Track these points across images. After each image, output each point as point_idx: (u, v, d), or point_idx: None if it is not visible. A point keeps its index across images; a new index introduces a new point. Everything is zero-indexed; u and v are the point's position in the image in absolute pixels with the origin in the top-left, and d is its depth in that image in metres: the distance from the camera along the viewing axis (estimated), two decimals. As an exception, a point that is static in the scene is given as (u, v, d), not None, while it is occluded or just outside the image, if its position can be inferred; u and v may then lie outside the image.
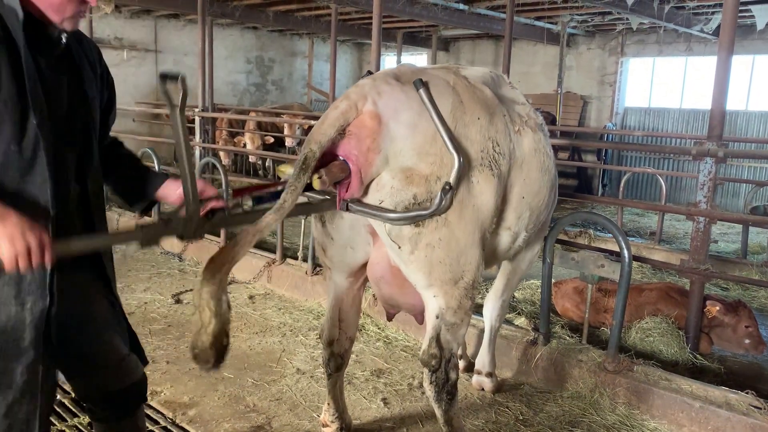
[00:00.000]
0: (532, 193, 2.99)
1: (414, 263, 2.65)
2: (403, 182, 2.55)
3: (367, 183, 2.57)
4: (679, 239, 9.24)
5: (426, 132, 2.56)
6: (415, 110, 2.58)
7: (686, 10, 10.90)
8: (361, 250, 2.91)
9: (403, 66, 2.91)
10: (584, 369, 3.96)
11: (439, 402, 2.84)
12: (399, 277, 2.81)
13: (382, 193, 2.57)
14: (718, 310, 4.50)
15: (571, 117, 14.82)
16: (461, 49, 17.59)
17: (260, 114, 12.22)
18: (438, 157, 2.55)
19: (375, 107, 2.55)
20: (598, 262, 3.99)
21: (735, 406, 3.46)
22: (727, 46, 4.05)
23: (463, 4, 11.15)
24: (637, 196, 14.11)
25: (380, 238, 2.74)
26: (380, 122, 2.53)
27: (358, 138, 2.51)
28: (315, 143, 2.47)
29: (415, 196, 2.55)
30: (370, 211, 2.57)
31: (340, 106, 2.56)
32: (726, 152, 4.19)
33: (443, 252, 2.62)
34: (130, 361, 2.40)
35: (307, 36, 18.26)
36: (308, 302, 5.46)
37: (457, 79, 2.81)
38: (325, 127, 2.51)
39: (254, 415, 3.61)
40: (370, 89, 2.60)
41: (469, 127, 2.66)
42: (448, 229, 2.60)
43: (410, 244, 2.61)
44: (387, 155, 2.54)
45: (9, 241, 1.77)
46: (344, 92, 2.69)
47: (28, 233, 1.78)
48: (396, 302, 3.09)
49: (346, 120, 2.53)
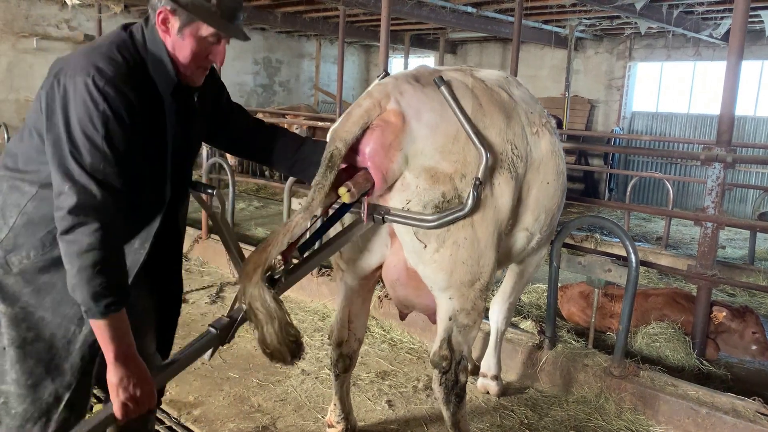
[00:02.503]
0: (548, 196, 3.01)
1: (437, 263, 2.66)
2: (428, 181, 2.57)
3: (390, 181, 2.58)
4: (686, 244, 9.21)
5: (447, 132, 2.58)
6: (436, 111, 2.60)
7: (695, 15, 10.86)
8: (377, 253, 2.92)
9: (421, 67, 2.93)
10: (590, 373, 3.95)
11: (447, 404, 2.85)
12: (415, 279, 2.81)
13: (408, 193, 2.58)
14: (725, 316, 4.48)
15: (578, 121, 14.80)
16: (468, 51, 17.59)
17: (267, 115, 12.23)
18: (461, 155, 2.58)
19: (398, 106, 2.57)
20: (604, 267, 3.98)
21: (742, 412, 3.43)
22: (737, 51, 4.03)
23: (471, 7, 11.15)
24: (644, 200, 14.07)
25: (398, 241, 2.74)
26: (404, 120, 2.55)
27: (382, 131, 2.53)
28: (340, 141, 2.48)
29: (443, 194, 2.57)
30: (408, 221, 2.58)
31: (363, 104, 2.58)
32: (735, 158, 4.17)
33: (467, 252, 2.64)
34: (154, 360, 2.42)
35: (315, 37, 18.30)
36: (314, 303, 5.47)
37: (475, 81, 2.82)
38: (350, 124, 2.53)
39: (259, 415, 3.61)
40: (393, 88, 2.63)
41: (489, 129, 2.67)
42: (472, 228, 2.62)
43: (437, 242, 2.62)
44: (407, 154, 2.56)
45: (124, 389, 1.91)
46: (366, 91, 2.72)
47: (141, 380, 1.94)
48: (411, 303, 3.10)
49: (370, 117, 2.55)
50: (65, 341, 2.05)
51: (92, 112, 1.83)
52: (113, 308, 1.85)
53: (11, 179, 2.03)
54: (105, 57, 1.91)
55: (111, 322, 1.87)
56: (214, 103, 2.38)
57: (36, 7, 13.34)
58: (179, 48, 2.02)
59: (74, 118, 1.84)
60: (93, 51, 1.95)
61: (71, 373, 2.05)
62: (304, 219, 2.37)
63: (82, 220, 1.81)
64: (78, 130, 1.84)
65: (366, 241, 2.90)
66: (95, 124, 1.84)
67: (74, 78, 1.86)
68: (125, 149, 1.90)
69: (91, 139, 1.84)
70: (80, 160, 1.83)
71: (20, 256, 2.00)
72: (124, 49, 1.98)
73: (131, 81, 1.92)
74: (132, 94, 1.91)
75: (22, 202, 2.00)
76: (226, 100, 2.46)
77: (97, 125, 1.84)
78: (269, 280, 2.34)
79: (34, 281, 2.00)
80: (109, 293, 1.84)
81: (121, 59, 1.94)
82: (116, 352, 1.88)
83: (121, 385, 1.89)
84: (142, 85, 1.97)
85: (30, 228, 1.99)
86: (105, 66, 1.88)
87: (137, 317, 2.27)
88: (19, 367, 2.01)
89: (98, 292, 1.82)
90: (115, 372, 1.89)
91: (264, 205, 10.29)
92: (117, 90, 1.87)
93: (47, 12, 13.50)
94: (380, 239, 2.86)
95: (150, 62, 2.01)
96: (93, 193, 1.83)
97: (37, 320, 2.03)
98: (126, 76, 1.91)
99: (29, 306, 2.02)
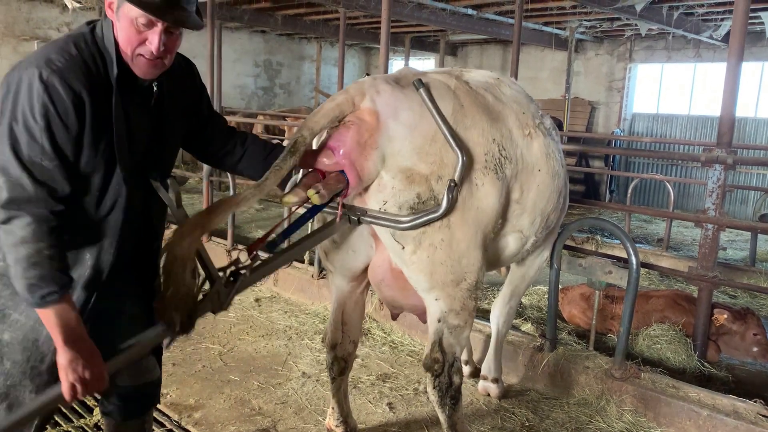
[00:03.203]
0: (544, 198, 2.99)
1: (416, 264, 2.65)
2: (404, 182, 2.56)
3: (366, 180, 2.57)
4: (687, 246, 9.20)
5: (426, 133, 2.57)
6: (415, 111, 2.59)
7: (695, 17, 10.87)
8: (362, 254, 2.92)
9: (404, 69, 2.93)
10: (591, 376, 3.94)
11: (442, 407, 2.83)
12: (400, 279, 2.80)
13: (385, 194, 2.58)
14: (726, 318, 4.47)
15: (579, 123, 14.80)
16: (469, 54, 17.60)
17: (268, 117, 12.26)
18: (438, 156, 2.57)
19: (373, 105, 2.56)
20: (605, 269, 3.97)
21: (743, 414, 3.43)
22: (737, 52, 4.03)
23: (471, 9, 11.16)
24: (645, 202, 14.06)
25: (382, 241, 2.74)
26: (378, 119, 2.54)
27: (357, 130, 2.52)
28: (307, 129, 2.48)
29: (418, 195, 2.56)
30: (382, 221, 2.58)
31: (336, 99, 2.59)
32: (735, 159, 4.17)
33: (444, 253, 2.62)
34: (149, 360, 2.42)
35: (315, 40, 18.32)
36: (314, 306, 5.46)
37: (459, 83, 2.81)
38: (319, 116, 2.53)
39: (260, 418, 3.61)
40: (369, 87, 2.62)
41: (470, 130, 2.66)
42: (449, 230, 2.60)
43: (413, 243, 2.61)
44: (384, 154, 2.55)
45: (72, 370, 1.88)
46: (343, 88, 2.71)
47: (91, 362, 1.91)
48: (399, 303, 3.10)
49: (342, 112, 2.55)
50: (38, 343, 2.05)
51: (34, 104, 1.84)
52: (49, 299, 1.85)
53: None
54: (58, 49, 1.91)
55: (53, 311, 1.87)
56: (193, 105, 2.35)
57: (37, 10, 13.37)
58: (118, 31, 1.97)
59: (18, 110, 1.85)
60: (50, 45, 1.95)
61: (48, 374, 2.05)
62: (252, 194, 2.32)
63: (15, 213, 1.82)
64: (20, 121, 1.84)
65: (351, 242, 2.89)
66: (35, 116, 1.84)
67: (26, 70, 1.86)
68: (67, 142, 1.88)
69: (30, 131, 1.84)
70: (18, 153, 1.84)
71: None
72: (81, 41, 1.96)
73: (81, 73, 1.89)
74: (80, 86, 1.88)
75: None
76: (207, 106, 2.43)
77: (37, 117, 1.84)
78: (233, 275, 2.30)
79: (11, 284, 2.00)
80: (45, 284, 1.84)
81: (75, 51, 1.92)
82: (64, 337, 1.87)
83: (70, 366, 1.87)
84: (94, 77, 1.93)
85: None
86: (55, 58, 1.88)
87: (126, 324, 2.25)
88: None
89: (33, 284, 1.83)
90: (63, 354, 1.88)
91: (265, 207, 10.29)
92: (63, 82, 1.85)
93: (48, 15, 13.53)
94: (364, 240, 2.86)
95: (105, 53, 1.98)
96: (25, 186, 1.83)
97: (12, 322, 2.04)
98: (75, 68, 1.89)
99: (7, 308, 2.04)
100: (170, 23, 1.94)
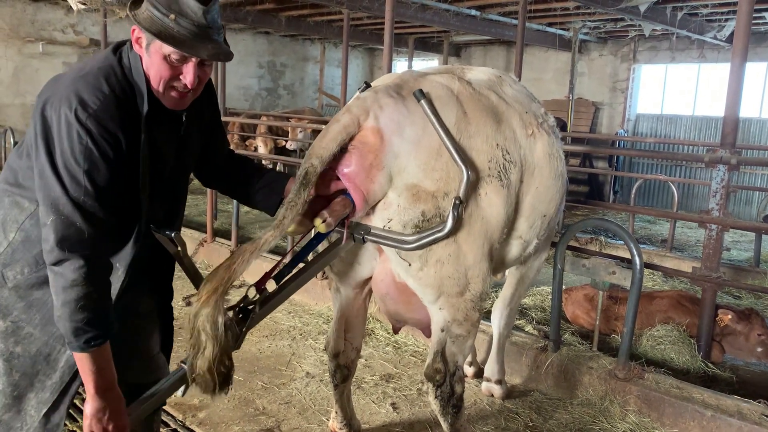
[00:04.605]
0: (545, 201, 2.91)
1: (422, 279, 2.61)
2: (409, 200, 2.50)
3: (372, 202, 2.52)
4: (691, 247, 9.18)
5: (430, 147, 2.50)
6: (418, 125, 2.52)
7: (699, 17, 10.84)
8: (367, 265, 2.86)
9: (406, 73, 2.85)
10: (594, 376, 3.94)
11: (444, 415, 2.80)
12: (405, 293, 2.76)
13: (389, 212, 2.52)
14: (730, 319, 4.47)
15: (583, 123, 14.78)
16: (473, 54, 17.59)
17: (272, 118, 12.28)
18: (444, 172, 2.50)
19: (377, 122, 2.48)
20: (609, 269, 3.97)
21: (747, 415, 3.42)
22: (741, 53, 4.03)
23: (475, 10, 11.15)
24: (649, 203, 14.03)
25: (385, 254, 2.70)
26: (382, 138, 2.47)
27: (360, 153, 2.45)
28: (316, 158, 2.38)
29: (423, 213, 2.50)
30: (387, 241, 2.52)
31: (341, 120, 2.48)
32: (739, 160, 4.16)
33: (452, 267, 2.57)
34: (158, 359, 2.44)
35: (319, 41, 18.33)
36: (318, 306, 5.47)
37: (461, 86, 2.72)
38: (327, 141, 2.43)
39: (263, 418, 3.62)
40: (372, 103, 2.53)
41: (475, 138, 2.59)
42: (456, 244, 2.55)
43: (420, 261, 2.56)
44: (390, 172, 2.49)
45: (98, 420, 1.91)
46: (345, 106, 2.62)
47: (116, 414, 1.95)
48: (402, 318, 3.04)
49: (348, 134, 2.46)
50: (50, 359, 2.07)
51: (75, 147, 1.84)
52: (93, 343, 1.87)
53: (12, 194, 2.05)
54: (90, 87, 1.89)
55: (91, 356, 1.88)
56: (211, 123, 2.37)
57: (42, 11, 13.41)
58: (148, 67, 1.97)
59: (58, 151, 1.85)
60: (79, 79, 1.92)
61: (51, 391, 2.07)
62: (273, 237, 2.24)
63: (67, 255, 1.82)
64: (61, 163, 1.85)
65: (354, 255, 2.83)
66: (77, 158, 1.84)
67: (59, 110, 1.86)
68: (106, 182, 1.90)
69: (73, 174, 1.85)
70: (67, 192, 1.84)
71: (15, 271, 2.02)
72: (111, 75, 1.95)
73: (115, 112, 1.90)
74: (114, 126, 1.89)
75: (21, 218, 2.02)
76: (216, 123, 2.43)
77: (80, 160, 1.84)
78: (242, 312, 2.27)
79: (27, 296, 2.03)
80: (91, 329, 1.86)
81: (107, 88, 1.91)
82: (96, 385, 1.90)
83: (95, 417, 1.90)
84: (126, 114, 1.94)
85: (27, 244, 2.02)
86: (89, 98, 1.87)
87: (141, 320, 2.28)
88: (5, 379, 2.05)
89: (79, 327, 1.84)
90: (92, 403, 1.91)
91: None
92: (99, 124, 1.86)
93: (53, 17, 13.57)
94: (368, 252, 2.80)
95: (135, 87, 1.99)
96: (78, 226, 1.84)
97: (25, 335, 2.05)
98: (110, 108, 1.89)
99: (20, 321, 2.05)
100: (205, 58, 1.94)
